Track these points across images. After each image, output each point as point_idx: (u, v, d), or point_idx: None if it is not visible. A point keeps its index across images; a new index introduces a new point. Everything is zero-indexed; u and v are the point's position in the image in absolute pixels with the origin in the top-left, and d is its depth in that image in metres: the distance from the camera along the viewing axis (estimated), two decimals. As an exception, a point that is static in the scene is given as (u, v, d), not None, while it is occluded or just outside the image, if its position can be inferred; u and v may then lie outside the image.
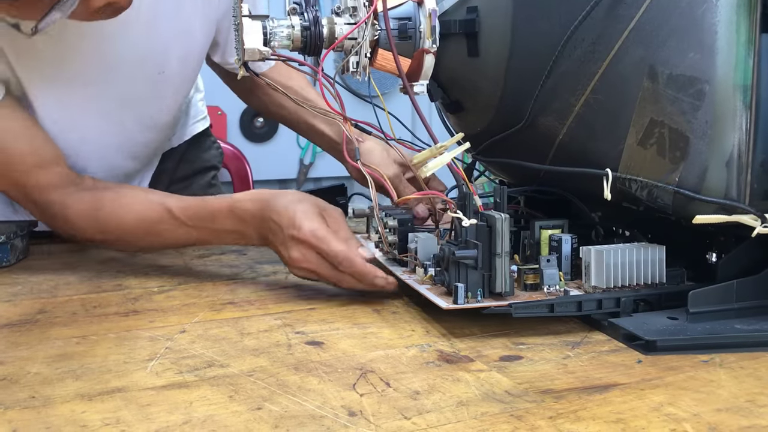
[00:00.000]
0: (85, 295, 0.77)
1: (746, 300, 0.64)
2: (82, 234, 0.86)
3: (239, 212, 0.77)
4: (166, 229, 0.81)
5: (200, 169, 1.22)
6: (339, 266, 0.71)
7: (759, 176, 0.62)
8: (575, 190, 0.75)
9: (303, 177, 2.39)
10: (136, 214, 0.83)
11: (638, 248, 0.67)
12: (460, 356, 0.58)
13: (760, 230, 0.62)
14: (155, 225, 0.82)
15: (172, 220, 0.81)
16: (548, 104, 0.69)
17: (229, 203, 0.79)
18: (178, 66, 0.93)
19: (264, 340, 0.62)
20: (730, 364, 0.56)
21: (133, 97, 0.91)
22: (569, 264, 0.70)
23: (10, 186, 0.86)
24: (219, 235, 0.80)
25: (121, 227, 0.83)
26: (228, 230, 0.79)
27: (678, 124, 0.62)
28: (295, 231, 0.72)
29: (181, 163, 1.18)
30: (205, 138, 1.23)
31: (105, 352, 0.60)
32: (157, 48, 0.90)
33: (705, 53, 0.60)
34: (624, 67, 0.64)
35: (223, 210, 0.79)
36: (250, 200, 0.78)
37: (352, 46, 0.73)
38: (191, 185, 1.19)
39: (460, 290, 0.62)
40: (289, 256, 0.72)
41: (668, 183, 0.64)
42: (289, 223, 0.72)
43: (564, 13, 0.65)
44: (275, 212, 0.74)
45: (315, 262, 0.72)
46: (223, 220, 0.79)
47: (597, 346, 0.61)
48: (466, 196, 0.64)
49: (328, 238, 0.71)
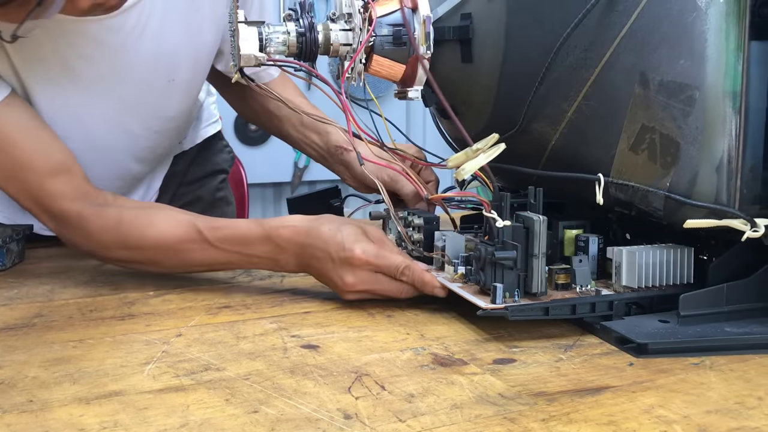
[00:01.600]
0: (82, 299, 0.77)
1: (736, 303, 0.65)
2: (104, 251, 0.83)
3: (276, 239, 0.76)
4: (195, 249, 0.78)
5: (210, 172, 1.22)
6: (401, 276, 0.71)
7: (748, 181, 0.63)
8: (568, 195, 0.76)
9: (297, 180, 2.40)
10: (163, 231, 0.79)
11: (668, 249, 0.68)
12: (454, 359, 0.59)
13: (750, 234, 0.62)
14: (183, 244, 0.78)
15: (201, 240, 0.78)
16: (541, 110, 0.70)
17: (265, 230, 0.76)
18: (188, 73, 0.94)
19: (260, 344, 0.63)
20: (720, 367, 0.57)
21: (141, 103, 0.92)
22: (596, 264, 0.71)
23: (20, 191, 0.83)
24: (251, 260, 0.78)
25: (146, 244, 0.80)
26: (262, 256, 0.77)
27: (669, 130, 0.63)
28: (349, 254, 0.71)
29: (192, 165, 1.18)
30: (217, 141, 1.23)
31: (102, 356, 0.60)
32: (167, 58, 0.90)
33: (695, 60, 0.61)
34: (616, 74, 0.65)
35: (258, 235, 0.76)
36: (287, 227, 0.76)
37: (347, 52, 0.74)
38: (201, 188, 1.19)
39: (498, 290, 0.63)
40: (344, 281, 0.72)
41: (659, 188, 0.64)
42: (339, 247, 0.72)
43: (556, 20, 0.66)
44: (320, 239, 0.73)
45: (371, 281, 0.72)
46: (258, 246, 0.76)
47: (589, 349, 0.61)
48: (502, 197, 0.65)
49: (385, 254, 0.72)
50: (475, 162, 0.67)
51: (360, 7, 0.72)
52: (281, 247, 0.76)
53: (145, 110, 0.93)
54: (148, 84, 0.90)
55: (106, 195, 0.84)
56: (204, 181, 1.20)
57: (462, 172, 0.67)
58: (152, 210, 0.83)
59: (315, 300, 0.76)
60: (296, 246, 0.75)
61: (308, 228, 0.74)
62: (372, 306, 0.73)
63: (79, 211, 0.81)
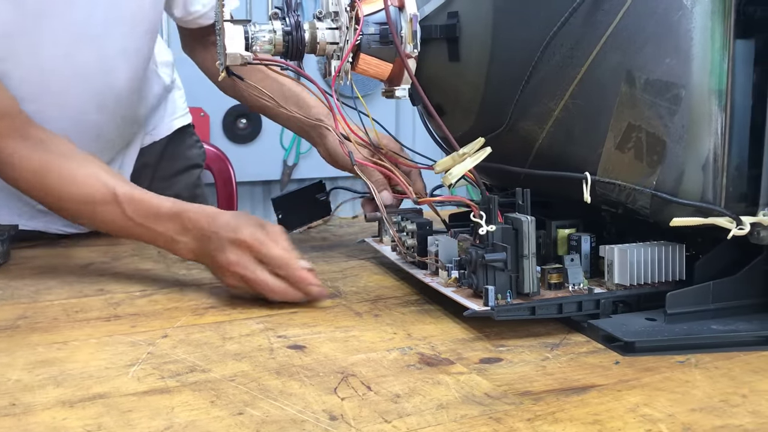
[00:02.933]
0: (67, 300, 0.76)
1: (722, 301, 0.65)
2: (25, 191, 0.86)
3: (184, 219, 0.77)
4: (107, 212, 0.81)
5: (184, 167, 1.22)
6: (278, 270, 0.72)
7: (734, 179, 0.63)
8: (556, 193, 0.76)
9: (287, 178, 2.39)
10: (81, 188, 0.82)
11: (659, 246, 0.68)
12: (440, 359, 0.59)
13: (736, 232, 0.63)
14: (97, 205, 0.81)
15: (115, 206, 0.80)
16: (528, 109, 0.70)
17: (177, 208, 0.78)
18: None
19: (246, 345, 0.62)
20: (705, 365, 0.57)
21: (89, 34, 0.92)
22: (588, 263, 0.71)
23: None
24: (153, 234, 0.79)
25: (64, 197, 0.83)
26: (163, 233, 0.78)
27: (655, 129, 0.63)
28: (234, 234, 0.73)
29: (163, 159, 1.19)
30: (188, 136, 1.24)
31: (86, 358, 0.60)
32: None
33: (681, 59, 0.61)
34: (602, 73, 0.65)
35: (168, 211, 0.79)
36: (197, 212, 0.78)
37: (334, 50, 0.74)
38: (176, 184, 1.20)
39: (490, 292, 0.63)
40: (226, 258, 0.73)
41: (646, 186, 0.64)
42: (230, 229, 0.73)
43: (543, 19, 0.66)
44: (217, 223, 0.75)
45: (251, 267, 0.72)
46: (164, 222, 0.78)
47: (576, 347, 0.62)
48: (491, 200, 0.65)
49: (269, 243, 0.72)
50: (462, 166, 0.67)
51: (347, 6, 0.72)
52: (185, 228, 0.77)
53: (94, 44, 0.93)
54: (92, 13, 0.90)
55: (44, 136, 0.85)
56: (179, 176, 1.21)
57: (449, 177, 0.67)
58: (80, 163, 0.84)
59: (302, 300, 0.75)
60: (198, 230, 0.76)
61: (215, 215, 0.76)
62: (359, 306, 0.73)
63: (11, 152, 0.83)
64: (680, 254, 0.68)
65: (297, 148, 2.36)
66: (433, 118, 0.71)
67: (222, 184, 2.01)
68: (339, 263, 0.91)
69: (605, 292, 0.67)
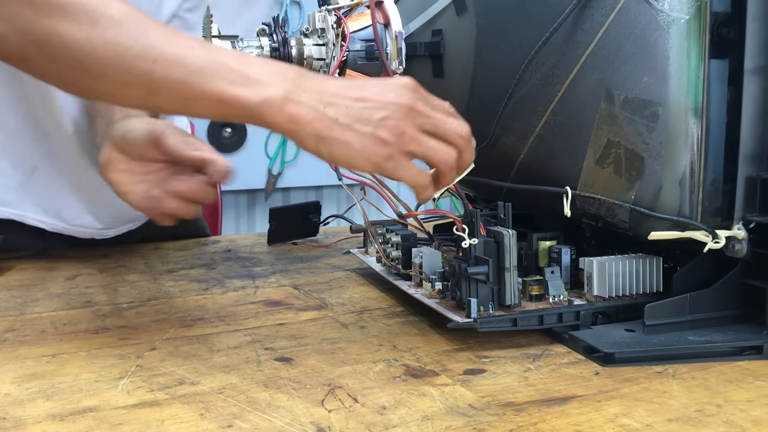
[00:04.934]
0: (55, 312, 0.77)
1: (699, 312, 0.67)
2: None
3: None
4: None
5: None
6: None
7: (710, 194, 0.65)
8: (538, 207, 0.78)
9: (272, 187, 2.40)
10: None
11: (637, 259, 0.70)
12: (425, 370, 0.60)
13: (711, 246, 0.65)
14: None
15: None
16: (511, 124, 0.71)
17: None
18: None
19: (234, 357, 0.63)
20: (682, 375, 0.59)
21: None
22: (569, 274, 0.73)
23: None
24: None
25: None
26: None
27: (633, 145, 0.65)
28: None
29: None
30: None
31: (76, 371, 0.60)
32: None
33: (658, 78, 0.63)
34: (582, 90, 0.66)
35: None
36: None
37: (321, 66, 0.75)
38: None
39: (473, 304, 0.65)
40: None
41: (625, 201, 0.66)
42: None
43: (525, 38, 0.68)
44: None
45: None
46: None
47: (557, 358, 0.63)
48: (473, 214, 0.66)
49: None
50: None
51: (333, 23, 0.73)
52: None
53: None
54: None
55: None
56: None
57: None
58: None
59: (289, 311, 0.77)
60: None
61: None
62: (345, 317, 0.74)
63: None
64: (657, 267, 0.70)
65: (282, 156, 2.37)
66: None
67: (207, 192, 2.00)
68: (325, 274, 0.92)
69: (585, 303, 0.69)
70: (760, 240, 0.64)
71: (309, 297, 0.82)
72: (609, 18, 0.64)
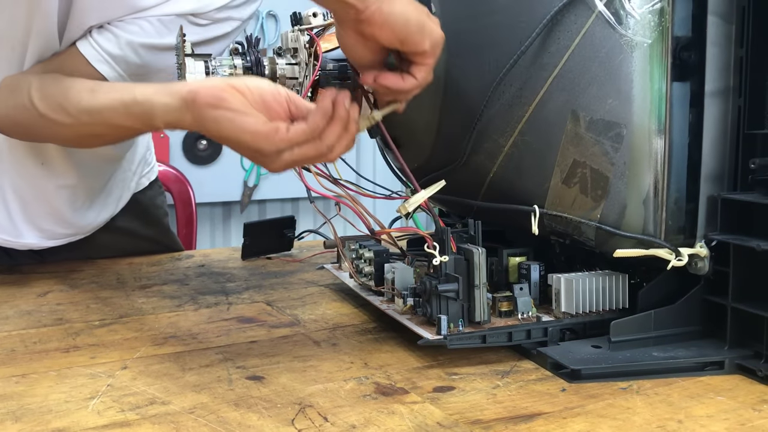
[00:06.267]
0: (24, 330, 0.76)
1: (663, 328, 0.69)
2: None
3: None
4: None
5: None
6: None
7: (673, 213, 0.67)
8: (507, 223, 0.79)
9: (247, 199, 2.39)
10: None
11: (603, 276, 0.71)
12: (396, 388, 0.61)
13: (675, 263, 0.66)
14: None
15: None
16: (480, 144, 0.73)
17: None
18: None
19: (205, 376, 0.63)
20: (646, 391, 0.60)
21: None
22: (538, 290, 0.74)
23: None
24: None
25: None
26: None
27: (599, 165, 0.67)
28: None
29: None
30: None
31: (45, 391, 0.60)
32: None
33: (622, 100, 0.65)
34: (549, 112, 0.68)
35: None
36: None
37: (293, 85, 0.76)
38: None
39: (443, 321, 0.66)
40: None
41: (591, 219, 0.68)
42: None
43: (493, 60, 0.69)
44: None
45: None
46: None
47: (525, 374, 0.64)
48: (444, 231, 0.67)
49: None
50: (418, 196, 0.69)
51: (306, 43, 0.74)
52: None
53: None
54: None
55: None
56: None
57: (406, 206, 0.70)
58: None
59: (261, 328, 0.77)
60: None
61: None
62: (317, 334, 0.75)
63: None
64: (624, 284, 0.72)
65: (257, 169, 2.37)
66: (391, 151, 0.74)
67: (181, 205, 2.00)
68: (298, 290, 0.93)
69: (553, 320, 0.70)
70: (721, 258, 0.66)
71: (282, 313, 0.82)
72: (575, 41, 0.66)
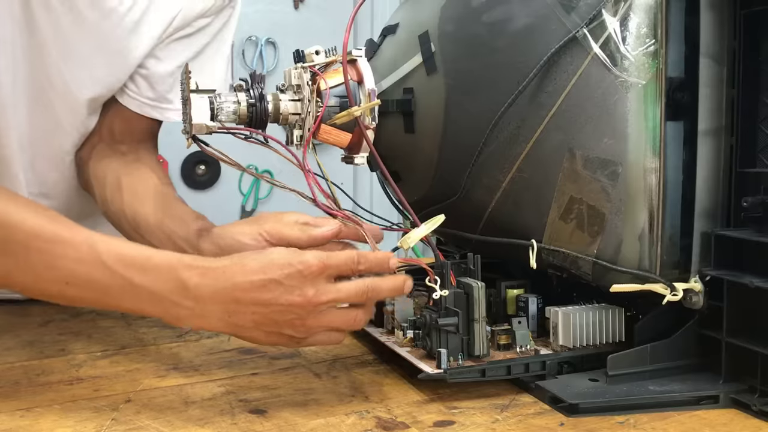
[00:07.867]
0: (27, 362, 0.77)
1: (659, 362, 0.70)
2: None
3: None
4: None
5: None
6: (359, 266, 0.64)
7: (668, 249, 0.68)
8: (505, 256, 0.80)
9: (245, 223, 2.41)
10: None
11: (600, 309, 0.73)
12: (396, 422, 0.62)
13: (670, 298, 0.68)
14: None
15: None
16: (479, 180, 0.74)
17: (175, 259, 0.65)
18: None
19: (208, 409, 0.64)
20: (642, 425, 0.61)
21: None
22: (536, 323, 0.75)
23: None
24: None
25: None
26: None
27: (595, 202, 0.68)
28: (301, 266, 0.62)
29: None
30: None
31: (50, 426, 0.61)
32: None
33: (618, 138, 0.67)
34: (546, 149, 0.70)
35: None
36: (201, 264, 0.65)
37: (296, 120, 0.77)
38: None
39: (443, 355, 0.67)
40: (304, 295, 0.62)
41: (588, 254, 0.69)
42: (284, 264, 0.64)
43: (491, 98, 0.71)
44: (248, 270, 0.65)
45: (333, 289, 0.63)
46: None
47: (524, 408, 0.65)
48: (444, 265, 0.68)
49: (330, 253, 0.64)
50: (419, 231, 0.70)
51: (308, 80, 0.76)
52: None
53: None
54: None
55: None
56: None
57: (408, 241, 0.71)
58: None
59: (262, 359, 0.78)
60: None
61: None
62: (318, 366, 0.75)
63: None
64: (620, 317, 0.73)
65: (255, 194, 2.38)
66: (390, 185, 0.75)
67: (180, 230, 2.00)
68: (298, 320, 0.93)
69: (551, 353, 0.71)
70: (716, 292, 0.67)
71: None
72: (571, 82, 0.67)
